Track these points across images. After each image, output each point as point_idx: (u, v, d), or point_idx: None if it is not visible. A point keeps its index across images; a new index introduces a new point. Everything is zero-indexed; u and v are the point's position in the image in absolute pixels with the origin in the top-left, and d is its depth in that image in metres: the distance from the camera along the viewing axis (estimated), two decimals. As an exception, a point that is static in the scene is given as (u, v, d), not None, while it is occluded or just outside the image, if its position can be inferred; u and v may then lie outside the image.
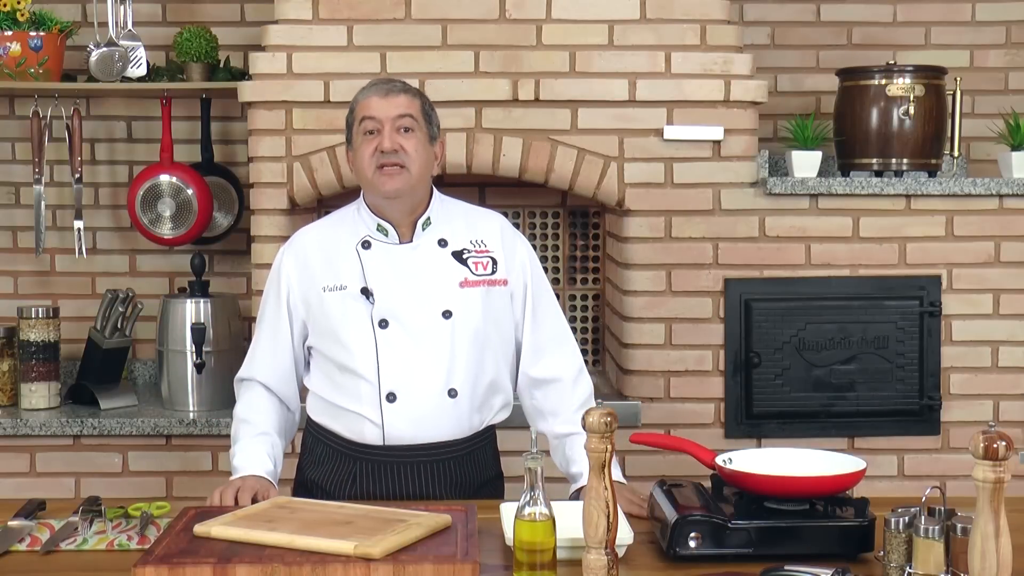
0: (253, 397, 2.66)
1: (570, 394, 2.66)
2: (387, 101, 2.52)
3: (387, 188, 2.51)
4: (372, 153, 2.50)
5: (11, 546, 2.16)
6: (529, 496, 1.93)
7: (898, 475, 3.64)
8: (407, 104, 2.53)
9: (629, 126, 3.52)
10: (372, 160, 2.50)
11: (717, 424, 3.60)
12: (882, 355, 3.60)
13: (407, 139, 2.51)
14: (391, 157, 2.49)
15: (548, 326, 2.67)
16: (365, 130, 2.52)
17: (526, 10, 3.49)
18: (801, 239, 3.59)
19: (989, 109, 4.03)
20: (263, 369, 2.66)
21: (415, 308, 2.52)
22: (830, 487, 2.14)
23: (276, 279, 2.64)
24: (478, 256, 2.60)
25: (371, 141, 2.51)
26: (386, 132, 2.49)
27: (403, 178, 2.50)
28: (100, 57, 3.71)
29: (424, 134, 2.54)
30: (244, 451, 2.58)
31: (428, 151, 2.56)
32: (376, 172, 2.50)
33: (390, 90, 2.54)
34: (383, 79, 2.62)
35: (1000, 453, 1.67)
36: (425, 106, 2.57)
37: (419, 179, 2.54)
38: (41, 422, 3.59)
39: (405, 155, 2.49)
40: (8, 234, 4.06)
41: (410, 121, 2.52)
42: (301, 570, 1.92)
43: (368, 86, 2.59)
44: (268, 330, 2.66)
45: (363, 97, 2.56)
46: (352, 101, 2.59)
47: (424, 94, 2.62)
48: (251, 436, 2.60)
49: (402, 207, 2.56)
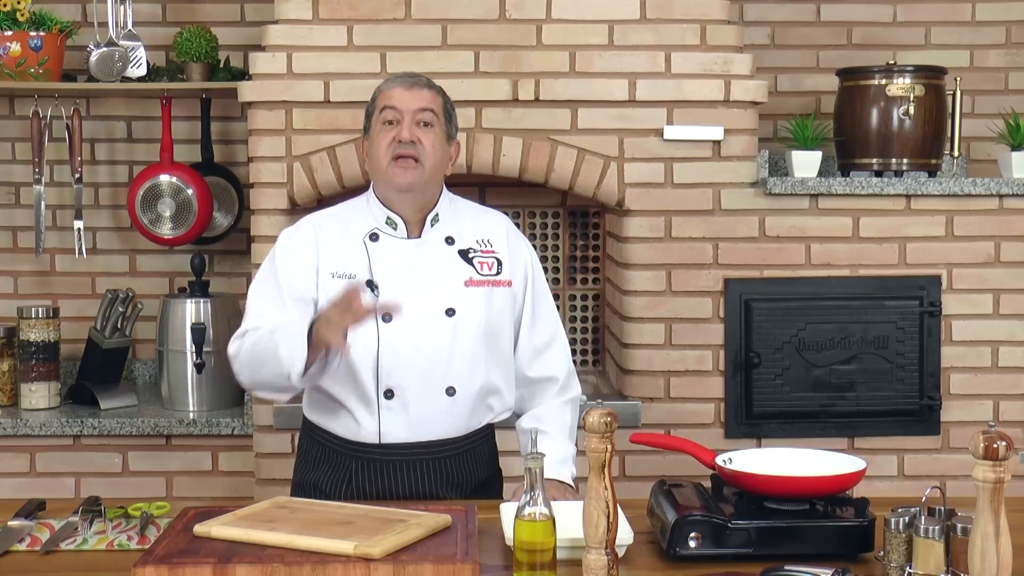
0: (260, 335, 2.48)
1: (558, 401, 2.68)
2: (410, 93, 2.53)
3: (400, 181, 2.51)
4: (389, 143, 2.50)
5: (11, 546, 2.15)
6: (529, 496, 1.92)
7: (898, 475, 3.64)
8: (430, 99, 2.54)
9: (629, 126, 3.52)
10: (388, 150, 2.51)
11: (717, 424, 3.60)
12: (882, 355, 3.60)
13: (425, 133, 2.51)
14: (407, 148, 2.49)
15: (546, 328, 2.69)
16: (385, 119, 2.52)
17: (526, 10, 3.49)
18: (801, 239, 3.59)
19: (989, 109, 4.03)
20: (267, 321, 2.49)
21: (419, 304, 2.52)
22: (830, 487, 2.14)
23: (293, 250, 2.54)
24: (484, 256, 2.60)
25: (389, 131, 2.51)
26: (406, 123, 2.50)
27: (417, 172, 2.50)
28: (100, 57, 3.71)
29: (443, 131, 2.56)
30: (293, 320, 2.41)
31: (444, 149, 2.57)
32: (391, 163, 2.51)
33: (415, 83, 2.55)
34: (408, 73, 2.64)
35: (1000, 453, 1.67)
36: (447, 105, 2.59)
37: (432, 175, 2.54)
38: (41, 422, 3.59)
39: (421, 148, 2.50)
40: (8, 234, 4.06)
41: (430, 116, 2.53)
42: (301, 570, 1.92)
43: (392, 78, 2.60)
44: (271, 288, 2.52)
45: (386, 87, 2.57)
46: (375, 91, 2.60)
47: (447, 93, 2.62)
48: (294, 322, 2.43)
49: (412, 202, 2.56)
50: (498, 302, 2.59)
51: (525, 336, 2.66)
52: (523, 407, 2.71)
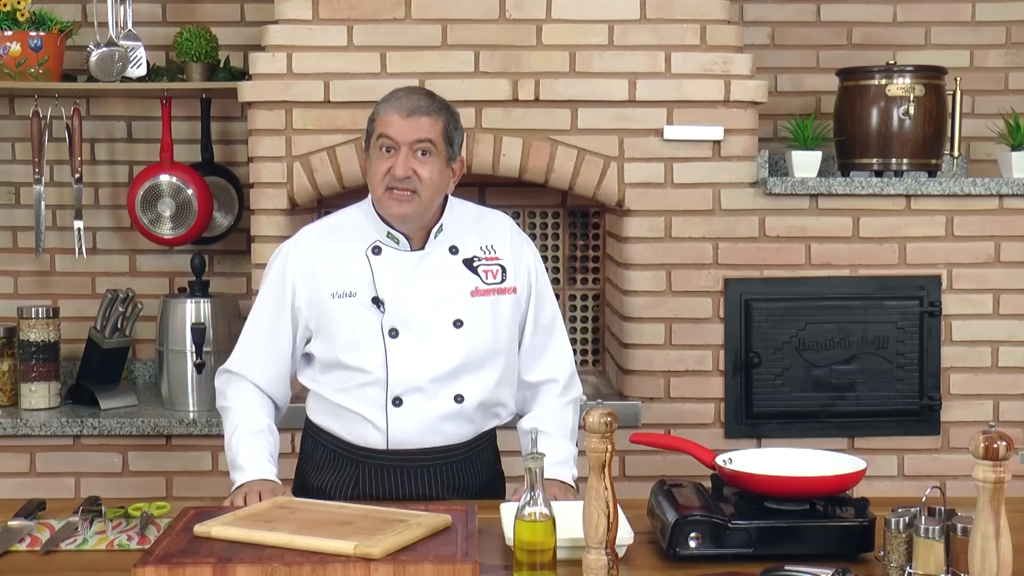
0: (244, 391, 2.59)
1: (559, 402, 2.67)
2: (407, 123, 2.44)
3: (395, 212, 2.47)
4: (385, 173, 2.45)
5: (11, 546, 2.16)
6: (529, 496, 1.93)
7: (898, 475, 3.64)
8: (428, 128, 2.45)
9: (629, 126, 3.52)
10: (384, 180, 2.46)
11: (717, 424, 3.60)
12: (882, 355, 3.60)
13: (422, 164, 2.45)
14: (403, 183, 2.44)
15: (548, 330, 2.68)
16: (381, 146, 2.47)
17: (526, 10, 3.49)
18: (801, 239, 3.59)
19: (989, 109, 4.03)
20: (254, 368, 2.59)
21: (426, 317, 2.51)
22: (830, 487, 2.14)
23: (280, 278, 2.56)
24: (488, 264, 2.58)
25: (385, 160, 2.46)
26: (401, 157, 2.44)
27: (412, 204, 2.46)
28: (100, 57, 3.71)
29: (442, 158, 2.48)
30: (248, 451, 2.52)
31: (443, 174, 2.50)
32: (386, 193, 2.46)
33: (413, 111, 2.45)
34: (411, 93, 2.52)
35: (1000, 453, 1.67)
36: (448, 127, 2.49)
37: (429, 204, 2.49)
38: (41, 422, 3.59)
39: (418, 181, 2.44)
40: (8, 234, 4.06)
41: (428, 146, 2.45)
42: (301, 570, 1.92)
43: (393, 99, 2.49)
44: (266, 329, 2.59)
45: (384, 112, 2.47)
46: (375, 109, 2.51)
47: (452, 111, 2.53)
48: (251, 433, 2.55)
49: (411, 225, 2.53)
50: (504, 310, 2.58)
51: (528, 338, 2.65)
52: (524, 408, 2.70)
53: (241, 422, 2.56)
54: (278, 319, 2.57)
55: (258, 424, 2.57)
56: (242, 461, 2.52)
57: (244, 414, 2.58)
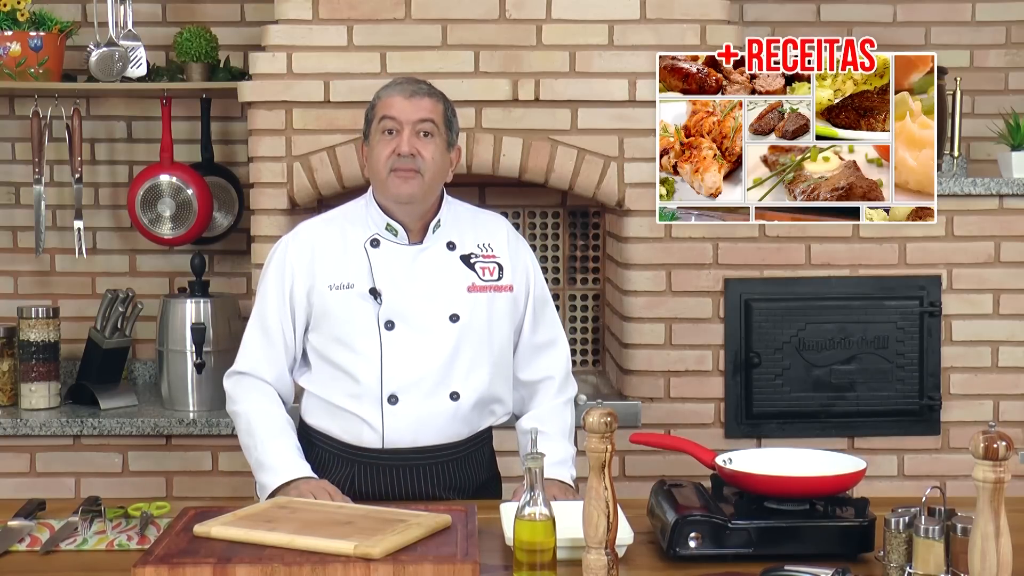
0: (255, 389, 2.59)
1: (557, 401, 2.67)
2: (410, 103, 2.49)
3: (400, 192, 2.49)
4: (388, 155, 2.48)
5: (11, 546, 2.16)
6: (529, 496, 1.92)
7: (898, 475, 3.64)
8: (430, 108, 2.50)
9: (629, 126, 3.52)
10: (388, 162, 2.48)
11: (717, 424, 3.60)
12: (882, 355, 3.60)
13: (425, 144, 2.48)
14: (407, 162, 2.47)
15: (547, 330, 2.69)
16: (384, 129, 2.50)
17: (526, 10, 3.49)
18: (801, 239, 3.58)
19: (989, 109, 4.03)
20: (261, 365, 2.60)
21: (423, 310, 2.52)
22: (830, 487, 2.14)
23: (279, 270, 2.58)
24: (485, 261, 2.59)
25: (389, 142, 2.49)
26: (405, 135, 2.47)
27: (416, 183, 2.48)
28: (100, 57, 3.71)
29: (443, 140, 2.52)
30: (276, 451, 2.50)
31: (444, 158, 2.54)
32: (390, 174, 2.48)
33: (415, 92, 2.50)
34: (409, 79, 2.59)
35: (1000, 453, 1.67)
36: (448, 112, 2.55)
37: (432, 185, 2.52)
38: (41, 422, 3.59)
39: (421, 160, 2.47)
40: (8, 234, 4.06)
41: (431, 126, 2.49)
42: (301, 570, 1.92)
43: (393, 84, 2.56)
44: (269, 323, 2.59)
45: (386, 95, 2.53)
46: (374, 96, 2.56)
47: (448, 100, 2.58)
48: (276, 432, 2.53)
49: (412, 211, 2.55)
50: (500, 307, 2.59)
51: (527, 338, 2.66)
52: (522, 408, 2.70)
53: (261, 422, 2.55)
54: (280, 311, 2.58)
55: (277, 422, 2.55)
56: (274, 461, 2.49)
57: (261, 413, 2.56)
